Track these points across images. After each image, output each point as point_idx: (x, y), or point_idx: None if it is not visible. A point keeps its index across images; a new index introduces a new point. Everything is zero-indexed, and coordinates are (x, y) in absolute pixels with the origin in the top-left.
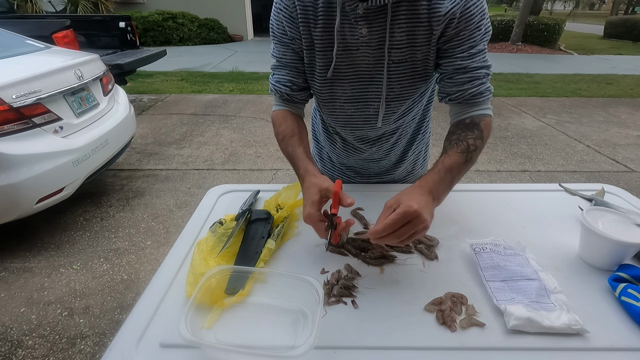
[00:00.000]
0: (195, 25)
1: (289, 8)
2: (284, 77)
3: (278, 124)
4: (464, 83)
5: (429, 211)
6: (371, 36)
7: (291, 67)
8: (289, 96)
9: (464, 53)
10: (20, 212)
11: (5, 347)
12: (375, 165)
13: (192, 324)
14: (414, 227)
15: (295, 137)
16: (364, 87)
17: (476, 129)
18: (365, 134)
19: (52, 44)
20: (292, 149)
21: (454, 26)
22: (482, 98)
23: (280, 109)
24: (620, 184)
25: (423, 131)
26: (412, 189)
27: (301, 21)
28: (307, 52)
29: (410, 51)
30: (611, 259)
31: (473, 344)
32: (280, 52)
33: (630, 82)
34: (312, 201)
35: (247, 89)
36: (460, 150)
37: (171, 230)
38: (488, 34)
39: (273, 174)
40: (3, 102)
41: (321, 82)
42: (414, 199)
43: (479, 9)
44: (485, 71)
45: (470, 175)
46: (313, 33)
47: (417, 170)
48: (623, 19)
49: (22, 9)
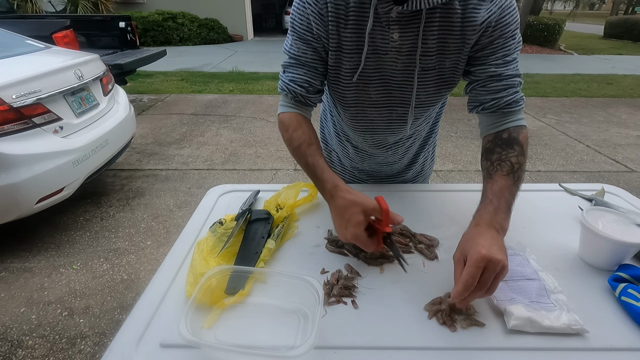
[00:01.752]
0: (195, 25)
1: (319, 4)
2: (301, 76)
3: (292, 128)
4: (499, 91)
5: (498, 247)
6: (402, 41)
7: (310, 67)
8: (303, 98)
9: (498, 60)
10: (20, 212)
11: (5, 347)
12: (388, 169)
13: (192, 324)
14: (493, 272)
15: (314, 145)
16: (390, 92)
17: (516, 144)
18: (384, 139)
19: (52, 44)
20: (313, 159)
21: (489, 34)
22: (517, 107)
23: (292, 112)
24: (620, 184)
25: (434, 134)
26: (471, 230)
27: (331, 20)
28: (333, 53)
29: (439, 59)
30: (611, 259)
31: (473, 344)
32: (300, 50)
33: (630, 82)
34: (357, 222)
35: (247, 89)
36: (505, 173)
37: (171, 230)
38: (520, 44)
39: (273, 174)
40: (3, 102)
41: (346, 85)
42: (478, 243)
43: (514, 18)
44: (519, 80)
45: (471, 175)
46: (342, 34)
47: (425, 171)
48: (623, 19)
49: (22, 9)
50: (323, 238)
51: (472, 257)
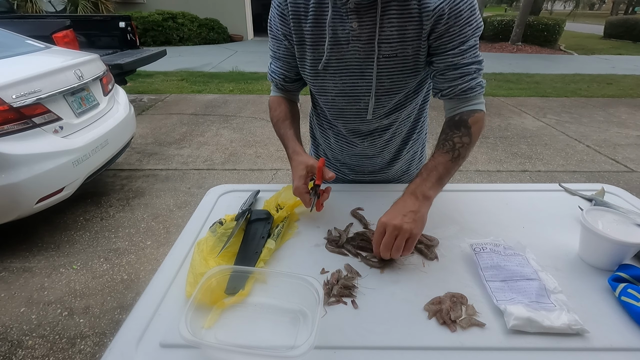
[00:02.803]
0: (195, 25)
1: (281, 5)
2: (278, 69)
3: (273, 108)
4: (455, 79)
5: (404, 214)
6: (361, 30)
7: (284, 61)
8: (283, 86)
9: (454, 50)
10: (20, 212)
11: (5, 347)
12: (369, 162)
13: (192, 324)
14: (392, 236)
15: (287, 120)
16: (354, 80)
17: (463, 126)
18: (356, 127)
19: (52, 44)
20: (284, 131)
21: (444, 22)
22: (472, 93)
23: (276, 95)
24: (620, 184)
25: (418, 131)
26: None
27: (292, 17)
28: (298, 47)
29: (401, 46)
30: (611, 259)
31: (473, 344)
32: (274, 46)
33: (630, 82)
34: (299, 176)
35: (247, 89)
36: (445, 151)
37: (171, 230)
38: (479, 29)
39: (273, 174)
40: (3, 102)
41: (313, 75)
42: (387, 211)
43: (467, 4)
44: (476, 66)
45: (470, 175)
46: (304, 28)
47: (412, 171)
48: (623, 19)
49: (22, 9)
50: (323, 238)
51: (386, 224)
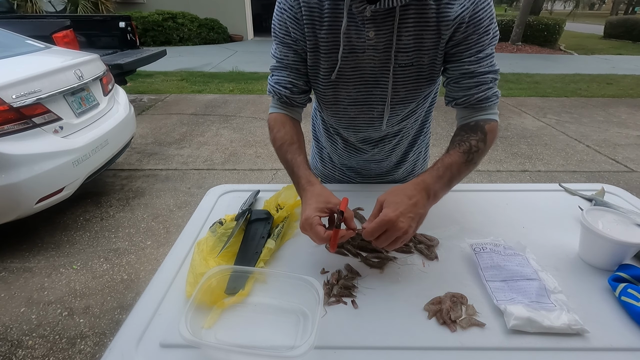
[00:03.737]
0: (195, 25)
1: (294, 8)
2: (285, 78)
3: (276, 129)
4: (470, 88)
5: (413, 215)
6: (378, 39)
7: (292, 69)
8: (288, 99)
9: (471, 57)
10: (20, 212)
11: (5, 347)
12: (376, 166)
13: (192, 324)
14: (393, 235)
15: (295, 144)
16: (369, 89)
17: (480, 131)
18: (368, 136)
19: (52, 44)
20: (291, 156)
21: (463, 30)
22: (488, 103)
23: (279, 113)
24: (620, 184)
25: (425, 132)
26: (407, 185)
27: (306, 22)
28: (311, 54)
29: (417, 55)
30: (611, 259)
31: (473, 344)
32: (282, 53)
33: (630, 82)
34: (316, 207)
35: (247, 89)
36: (462, 151)
37: (171, 230)
38: (496, 38)
39: (273, 174)
40: (3, 102)
41: (325, 84)
42: (398, 203)
43: (488, 13)
44: (492, 76)
45: (470, 175)
46: (318, 35)
47: (417, 171)
48: (623, 19)
49: (22, 9)
50: None
51: (382, 215)
